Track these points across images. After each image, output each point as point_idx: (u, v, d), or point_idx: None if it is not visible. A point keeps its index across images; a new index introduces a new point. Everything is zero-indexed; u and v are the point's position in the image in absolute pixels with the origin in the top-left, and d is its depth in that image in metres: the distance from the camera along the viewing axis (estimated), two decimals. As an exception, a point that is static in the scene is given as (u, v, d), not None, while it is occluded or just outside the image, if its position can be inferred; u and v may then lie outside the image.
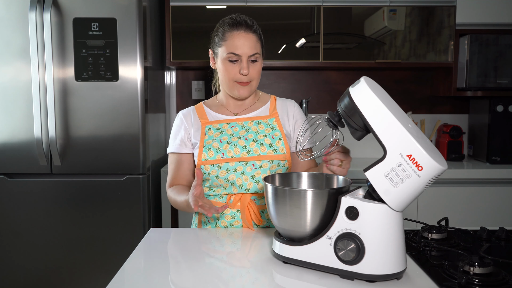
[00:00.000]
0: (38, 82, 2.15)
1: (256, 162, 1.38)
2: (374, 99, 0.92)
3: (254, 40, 1.38)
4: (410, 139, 0.89)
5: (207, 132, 1.42)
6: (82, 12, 2.17)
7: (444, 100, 3.01)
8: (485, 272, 0.93)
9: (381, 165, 0.92)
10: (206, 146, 1.39)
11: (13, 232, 2.26)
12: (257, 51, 1.38)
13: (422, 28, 2.59)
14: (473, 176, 2.46)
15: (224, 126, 1.44)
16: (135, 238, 2.23)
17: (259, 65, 1.41)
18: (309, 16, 2.58)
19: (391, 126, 0.90)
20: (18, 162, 2.23)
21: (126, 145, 2.23)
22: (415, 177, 0.89)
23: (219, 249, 1.22)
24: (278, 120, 1.45)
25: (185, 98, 2.97)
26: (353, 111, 0.95)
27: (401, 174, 0.90)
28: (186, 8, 2.55)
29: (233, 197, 1.39)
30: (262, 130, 1.42)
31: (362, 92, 0.93)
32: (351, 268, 0.94)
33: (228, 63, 1.38)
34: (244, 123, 1.44)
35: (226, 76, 1.40)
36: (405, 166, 0.89)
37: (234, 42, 1.36)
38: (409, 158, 0.89)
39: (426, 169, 0.88)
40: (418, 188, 0.91)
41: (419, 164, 0.88)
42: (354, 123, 0.96)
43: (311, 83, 2.98)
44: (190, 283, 0.97)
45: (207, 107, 1.51)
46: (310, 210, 0.99)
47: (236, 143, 1.39)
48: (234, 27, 1.37)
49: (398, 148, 0.90)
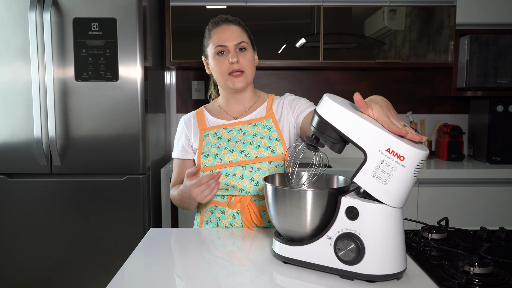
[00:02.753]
0: (38, 82, 2.15)
1: (255, 165, 1.37)
2: (339, 109, 0.95)
3: (238, 30, 1.41)
4: (384, 134, 0.91)
5: (205, 138, 1.44)
6: (82, 12, 2.17)
7: (444, 100, 3.01)
8: (485, 272, 0.93)
9: (366, 167, 0.93)
10: (204, 152, 1.41)
11: (13, 232, 2.26)
12: (243, 39, 1.40)
13: (422, 28, 2.59)
14: (473, 176, 2.46)
15: (222, 131, 1.44)
16: (135, 238, 2.23)
17: (249, 54, 1.41)
18: (309, 16, 2.58)
19: (361, 127, 0.93)
20: (18, 162, 2.23)
21: (126, 145, 2.23)
22: (400, 169, 0.90)
23: (219, 249, 1.22)
24: (274, 120, 1.44)
25: (185, 98, 2.97)
26: (324, 126, 0.98)
27: (386, 169, 0.91)
28: (186, 8, 2.55)
29: (233, 198, 1.39)
30: (259, 132, 1.42)
31: (327, 106, 0.97)
32: (351, 268, 0.94)
33: (217, 57, 1.40)
34: (241, 126, 1.44)
35: (218, 71, 1.40)
36: (387, 161, 0.90)
37: (218, 36, 1.39)
38: (388, 152, 0.90)
39: (408, 158, 0.89)
40: (407, 178, 0.91)
41: (400, 155, 0.89)
42: (329, 137, 0.99)
43: (311, 83, 2.98)
44: (190, 283, 0.97)
45: (207, 111, 1.52)
46: (310, 210, 0.99)
47: (233, 148, 1.39)
48: (217, 24, 1.42)
49: (376, 146, 0.91)
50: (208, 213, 1.43)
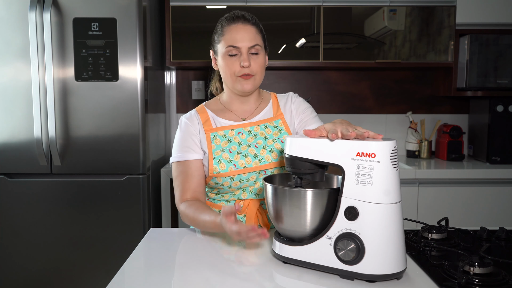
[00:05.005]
0: (38, 82, 2.15)
1: (269, 169, 1.35)
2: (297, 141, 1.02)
3: (254, 31, 1.32)
4: (347, 142, 0.95)
5: (213, 141, 1.35)
6: (82, 12, 2.17)
7: (444, 100, 3.01)
8: (485, 272, 0.93)
9: (347, 179, 0.95)
10: (216, 158, 1.32)
11: (13, 232, 2.26)
12: (257, 42, 1.32)
13: (422, 28, 2.59)
14: (473, 176, 2.46)
15: (231, 133, 1.36)
16: (135, 238, 2.23)
17: (261, 58, 1.34)
18: (309, 16, 2.58)
19: (324, 147, 0.98)
20: (18, 162, 2.23)
21: (126, 145, 2.23)
22: (377, 166, 0.92)
23: (219, 249, 1.22)
24: (284, 121, 1.40)
25: (185, 98, 2.97)
26: (294, 162, 1.04)
27: (365, 172, 0.93)
28: (186, 8, 2.55)
29: (242, 203, 1.36)
30: (270, 135, 1.37)
31: (288, 144, 1.04)
32: (351, 268, 0.94)
33: (228, 57, 1.32)
34: (251, 128, 1.38)
35: (227, 71, 1.33)
36: (362, 164, 0.93)
37: (232, 35, 1.31)
38: (359, 155, 0.93)
39: (378, 153, 0.92)
40: (388, 172, 0.92)
41: (370, 153, 0.92)
42: (304, 170, 1.04)
43: (311, 83, 2.98)
44: (190, 283, 0.97)
45: (210, 111, 1.42)
46: (310, 210, 0.99)
47: (246, 152, 1.33)
48: (232, 21, 1.33)
49: (346, 156, 0.95)
50: None
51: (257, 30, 1.35)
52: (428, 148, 2.84)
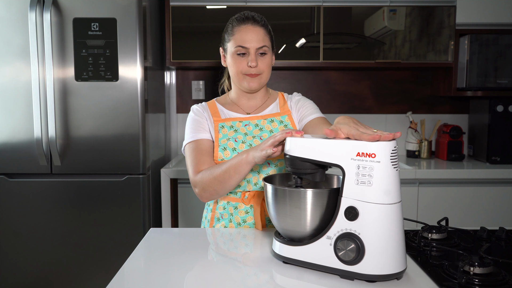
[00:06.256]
0: (38, 82, 2.15)
1: (272, 161, 1.38)
2: (297, 141, 1.03)
3: (262, 33, 1.39)
4: (347, 142, 0.95)
5: (220, 130, 1.41)
6: (82, 12, 2.17)
7: (444, 100, 3.01)
8: (485, 272, 0.93)
9: (347, 179, 0.95)
10: (222, 145, 1.38)
11: (13, 232, 2.26)
12: (265, 43, 1.39)
13: (422, 28, 2.59)
14: (473, 176, 2.46)
15: (238, 124, 1.43)
16: (135, 238, 2.23)
17: (268, 58, 1.41)
18: (309, 16, 2.58)
19: (324, 147, 0.98)
20: (18, 162, 2.23)
21: (126, 145, 2.23)
22: (377, 166, 0.92)
23: (219, 249, 1.22)
24: (290, 117, 1.45)
25: (185, 98, 2.97)
26: (294, 162, 1.04)
27: (365, 172, 0.93)
28: (186, 8, 2.55)
29: (247, 194, 1.39)
30: (276, 129, 1.42)
31: (288, 144, 1.04)
32: (351, 268, 0.94)
33: (237, 56, 1.38)
34: (257, 121, 1.44)
35: (235, 69, 1.40)
36: (362, 164, 0.93)
37: (241, 36, 1.38)
38: (359, 155, 0.93)
39: (378, 153, 0.91)
40: (389, 172, 0.92)
41: (369, 153, 0.92)
42: (304, 170, 1.04)
43: (311, 83, 2.98)
44: (190, 283, 0.97)
45: (219, 104, 1.50)
46: (310, 210, 0.99)
47: (251, 143, 1.38)
48: (242, 22, 1.40)
49: (347, 156, 0.95)
50: (221, 210, 1.42)
51: (266, 31, 1.41)
52: (428, 148, 2.84)
